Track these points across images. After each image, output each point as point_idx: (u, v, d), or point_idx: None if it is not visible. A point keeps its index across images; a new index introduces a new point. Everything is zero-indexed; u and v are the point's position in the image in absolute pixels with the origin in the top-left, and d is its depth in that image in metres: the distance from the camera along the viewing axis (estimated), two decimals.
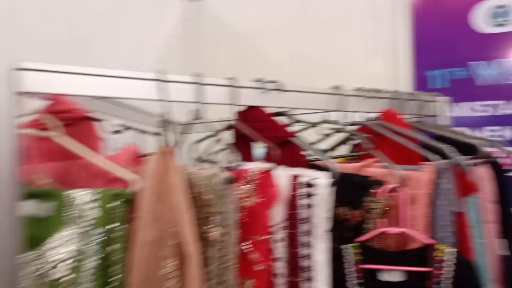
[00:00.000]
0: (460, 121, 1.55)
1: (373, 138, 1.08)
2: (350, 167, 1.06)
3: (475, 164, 0.93)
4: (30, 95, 0.80)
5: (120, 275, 0.70)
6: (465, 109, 1.57)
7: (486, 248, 0.92)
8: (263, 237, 0.76)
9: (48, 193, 0.75)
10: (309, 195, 0.80)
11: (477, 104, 1.56)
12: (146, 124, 1.14)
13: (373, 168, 0.99)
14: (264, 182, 0.77)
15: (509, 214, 0.96)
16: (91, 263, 0.70)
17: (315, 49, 1.83)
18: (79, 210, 0.73)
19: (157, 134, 0.70)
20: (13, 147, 0.69)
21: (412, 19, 1.67)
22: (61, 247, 0.72)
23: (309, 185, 0.80)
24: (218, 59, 2.12)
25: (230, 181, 0.70)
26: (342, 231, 0.93)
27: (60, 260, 0.71)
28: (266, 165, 0.78)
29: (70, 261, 0.71)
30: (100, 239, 0.71)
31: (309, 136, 1.19)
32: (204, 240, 0.72)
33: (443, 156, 0.91)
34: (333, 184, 0.79)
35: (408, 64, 1.68)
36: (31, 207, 0.75)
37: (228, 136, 0.99)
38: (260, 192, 0.77)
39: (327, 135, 1.14)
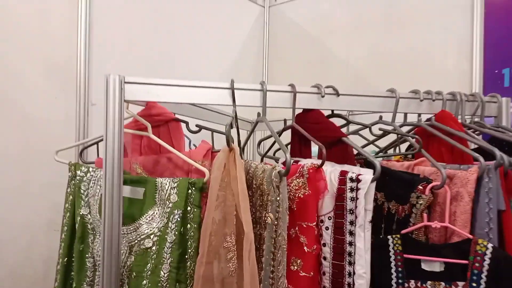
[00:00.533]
0: None
1: (425, 139, 1.13)
2: (403, 165, 1.13)
3: None
4: (132, 102, 1.01)
5: (194, 248, 0.87)
6: None
7: None
8: (311, 224, 0.88)
9: (141, 180, 0.95)
10: (354, 189, 0.91)
11: None
12: (219, 124, 1.32)
13: (423, 167, 1.06)
14: (313, 176, 0.89)
15: None
16: (171, 236, 0.89)
17: (393, 47, 1.86)
18: (162, 195, 0.92)
19: (224, 133, 0.85)
20: (118, 143, 0.88)
21: (485, 16, 1.63)
22: (150, 223, 0.92)
23: (355, 180, 0.90)
24: (290, 60, 2.24)
25: (283, 174, 0.83)
26: (389, 224, 1.01)
27: (150, 233, 0.91)
28: (315, 162, 0.90)
29: (157, 234, 0.90)
30: (178, 219, 0.89)
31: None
32: (262, 223, 0.87)
33: (493, 156, 0.95)
34: (375, 180, 0.88)
35: (482, 61, 1.65)
36: (128, 191, 0.95)
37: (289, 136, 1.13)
38: (310, 185, 0.89)
39: (381, 136, 1.21)
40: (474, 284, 0.87)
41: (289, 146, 1.11)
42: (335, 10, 2.06)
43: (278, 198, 0.84)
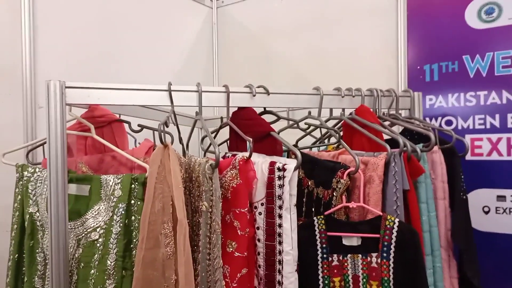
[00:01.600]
0: (452, 110, 1.70)
1: (349, 130, 1.27)
2: (330, 155, 1.27)
3: (428, 151, 1.11)
4: (74, 106, 1.08)
5: (138, 238, 0.95)
6: (457, 100, 1.70)
7: (436, 220, 1.10)
8: (243, 210, 0.99)
9: (86, 178, 1.02)
10: (281, 177, 1.02)
11: (468, 95, 1.68)
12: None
13: (346, 155, 1.20)
14: (244, 167, 1.00)
15: (457, 192, 1.13)
16: (116, 228, 0.97)
17: (327, 46, 2.00)
18: (107, 190, 0.99)
19: (162, 131, 0.94)
20: (61, 144, 0.94)
21: (408, 17, 1.81)
22: (96, 217, 1.00)
23: (281, 169, 1.02)
24: (238, 59, 2.34)
25: (214, 166, 0.93)
26: (318, 207, 1.14)
27: (96, 226, 0.99)
28: (245, 154, 1.01)
29: (103, 227, 0.98)
30: (123, 211, 0.97)
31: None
32: (200, 211, 0.97)
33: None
34: (297, 168, 1.00)
35: (406, 58, 1.82)
36: (74, 189, 1.02)
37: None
38: (241, 175, 1.00)
39: (306, 130, 1.35)
40: (384, 254, 1.01)
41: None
42: (277, 11, 2.18)
43: (211, 188, 0.94)
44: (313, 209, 1.16)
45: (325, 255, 1.06)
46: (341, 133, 1.30)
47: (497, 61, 1.60)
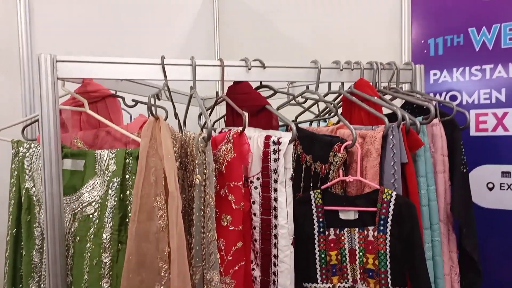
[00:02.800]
0: (457, 85, 1.65)
1: (348, 104, 1.25)
2: (328, 130, 1.25)
3: (428, 123, 1.08)
4: (66, 80, 1.07)
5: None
6: (462, 74, 1.66)
7: (436, 194, 1.08)
8: (237, 183, 0.98)
9: (80, 153, 1.02)
10: (277, 151, 1.01)
11: (474, 69, 1.64)
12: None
13: (344, 130, 1.18)
14: (238, 141, 0.99)
15: (458, 165, 1.10)
16: (111, 202, 0.96)
17: (332, 23, 1.96)
18: (102, 165, 0.99)
19: (152, 105, 0.93)
20: (54, 119, 0.94)
21: None
22: (91, 192, 1.00)
23: (276, 143, 1.01)
24: (240, 37, 2.30)
25: (207, 139, 0.92)
26: (315, 182, 1.13)
27: (91, 201, 0.99)
28: (240, 128, 0.99)
29: (98, 201, 0.98)
30: (117, 186, 0.97)
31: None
32: (193, 185, 0.96)
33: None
34: (292, 141, 0.99)
35: (410, 33, 1.77)
36: (69, 164, 1.02)
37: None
38: (235, 149, 0.99)
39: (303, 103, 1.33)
40: (381, 228, 1.00)
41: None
42: None
43: (204, 161, 0.93)
44: (311, 184, 1.15)
45: (321, 229, 1.05)
46: (340, 109, 1.28)
47: (504, 33, 1.55)
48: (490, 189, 1.59)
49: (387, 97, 1.24)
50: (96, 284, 0.94)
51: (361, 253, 1.02)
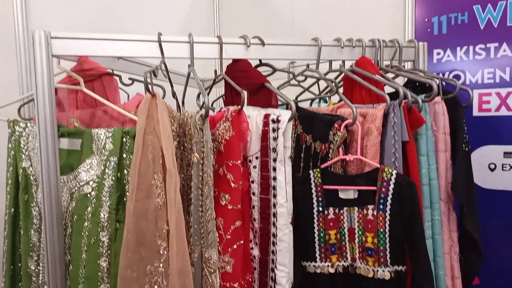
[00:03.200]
0: (461, 65, 1.63)
1: (349, 83, 1.23)
2: (328, 109, 1.23)
3: (430, 100, 1.06)
4: (61, 57, 1.05)
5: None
6: (466, 53, 1.63)
7: (437, 173, 1.07)
8: (236, 162, 0.97)
9: (77, 132, 1.01)
10: (276, 130, 0.99)
11: (478, 48, 1.60)
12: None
13: (344, 108, 1.16)
14: (236, 119, 0.97)
15: (460, 143, 1.09)
16: (108, 182, 0.96)
17: (334, 1, 1.92)
18: (99, 144, 0.98)
19: (148, 83, 0.91)
20: (49, 97, 0.92)
21: None
22: (88, 171, 0.99)
23: (275, 121, 0.99)
24: (241, 15, 2.26)
25: (204, 117, 0.91)
26: (315, 162, 1.12)
27: (89, 180, 0.98)
28: (238, 106, 0.97)
29: (96, 180, 0.97)
30: (114, 165, 0.96)
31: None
32: (191, 164, 0.95)
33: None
34: (291, 119, 0.97)
35: (413, 11, 1.73)
36: (65, 143, 1.01)
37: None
38: (233, 127, 0.97)
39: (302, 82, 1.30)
40: (381, 206, 0.99)
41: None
42: None
43: (202, 139, 0.92)
44: (310, 164, 1.14)
45: (321, 209, 1.04)
46: (341, 88, 1.26)
47: (510, 10, 1.51)
48: (492, 170, 1.58)
49: (390, 75, 1.22)
50: (95, 262, 0.94)
51: (360, 232, 1.01)
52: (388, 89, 1.13)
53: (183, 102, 1.26)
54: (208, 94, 1.15)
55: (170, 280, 0.82)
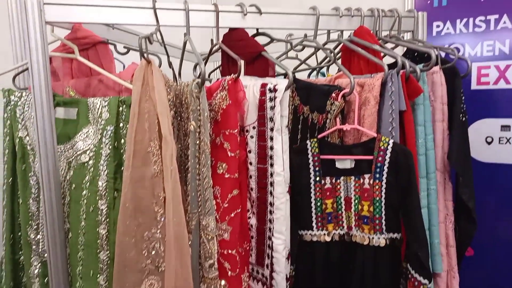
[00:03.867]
0: (460, 38, 1.61)
1: (347, 54, 1.21)
2: (326, 80, 1.22)
3: (428, 69, 1.05)
4: (54, 25, 1.03)
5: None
6: (466, 26, 1.61)
7: (434, 143, 1.07)
8: (233, 131, 0.97)
9: (73, 101, 1.00)
10: (273, 99, 0.99)
11: (478, 20, 1.58)
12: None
13: (342, 79, 1.15)
14: (233, 87, 0.96)
15: (457, 113, 1.08)
16: (105, 151, 0.96)
17: None
18: (95, 113, 0.97)
19: (144, 51, 0.90)
20: (43, 64, 0.91)
21: None
22: (85, 140, 0.99)
23: (272, 90, 0.98)
24: None
25: (201, 84, 0.90)
26: (312, 133, 1.12)
27: (86, 149, 0.98)
28: (234, 75, 0.97)
29: (93, 149, 0.97)
30: (111, 134, 0.96)
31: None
32: (188, 134, 0.95)
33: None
34: (288, 88, 0.97)
35: None
36: (61, 113, 1.01)
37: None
38: (230, 96, 0.97)
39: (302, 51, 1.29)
40: (377, 175, 0.99)
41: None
42: None
43: (198, 107, 0.91)
44: (308, 136, 1.14)
45: (317, 178, 1.05)
46: (339, 60, 1.25)
47: None
48: (489, 143, 1.59)
49: (388, 45, 1.20)
50: (93, 230, 0.94)
51: (356, 201, 1.02)
52: (386, 61, 1.12)
53: (179, 74, 1.24)
54: (205, 65, 1.14)
55: (166, 246, 0.83)
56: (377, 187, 0.99)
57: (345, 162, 1.03)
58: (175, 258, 0.82)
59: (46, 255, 0.99)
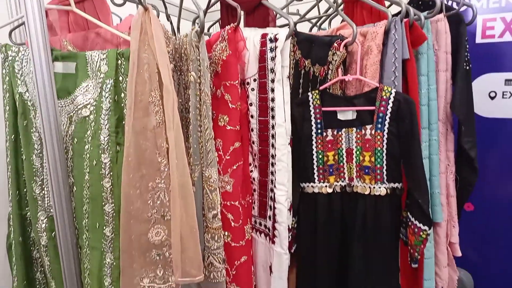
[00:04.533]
0: None
1: (350, 5, 1.18)
2: (328, 31, 1.20)
3: (432, 16, 1.03)
4: None
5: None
6: None
7: (436, 93, 1.06)
8: (233, 82, 0.96)
9: (71, 55, 0.99)
10: (273, 49, 0.97)
11: None
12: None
13: (344, 30, 1.13)
14: (233, 37, 0.95)
15: (461, 62, 1.07)
16: (106, 104, 0.95)
17: None
18: (93, 67, 0.96)
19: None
20: (42, 19, 0.89)
21: None
22: (85, 95, 0.98)
23: (273, 40, 0.97)
24: None
25: (200, 32, 0.88)
26: (314, 86, 1.10)
27: (86, 103, 0.97)
28: (233, 24, 0.95)
29: (93, 104, 0.97)
30: (111, 87, 0.95)
31: None
32: (188, 86, 0.94)
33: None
34: (289, 37, 0.95)
35: None
36: (60, 67, 0.99)
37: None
38: (230, 46, 0.95)
39: None
40: (379, 125, 0.99)
41: None
42: None
43: (198, 57, 0.90)
44: (309, 90, 1.13)
45: (319, 130, 1.05)
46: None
47: None
48: (492, 98, 1.57)
49: None
50: (98, 183, 0.95)
51: (358, 152, 1.02)
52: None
53: (178, 28, 1.22)
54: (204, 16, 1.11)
55: (171, 195, 0.84)
56: (378, 137, 0.99)
57: (347, 114, 1.03)
58: (180, 207, 0.83)
59: (52, 209, 1.01)
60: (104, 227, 0.97)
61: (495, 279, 1.61)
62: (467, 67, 1.07)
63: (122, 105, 0.96)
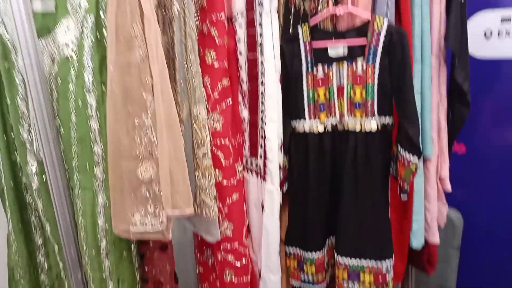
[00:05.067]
0: None
1: None
2: None
3: None
4: None
5: None
6: None
7: (430, 27, 1.03)
8: (220, 16, 0.93)
9: None
10: None
11: None
12: None
13: None
14: None
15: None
16: (88, 42, 0.92)
17: None
18: (73, 3, 0.92)
19: None
20: None
21: None
22: (66, 34, 0.95)
23: None
24: None
25: None
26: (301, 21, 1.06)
27: (67, 42, 0.94)
28: None
29: (75, 42, 0.94)
30: (92, 25, 0.91)
31: None
32: (173, 20, 0.91)
33: None
34: None
35: None
36: (39, 5, 0.95)
37: None
38: None
39: None
40: (370, 58, 0.97)
41: None
42: None
43: None
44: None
45: (309, 67, 1.02)
46: None
47: None
48: (488, 37, 1.53)
49: None
50: (85, 124, 0.94)
51: (349, 88, 1.01)
52: None
53: None
54: None
55: (158, 129, 0.83)
56: (370, 71, 0.97)
57: (338, 49, 1.00)
58: (167, 141, 0.83)
59: (41, 153, 1.00)
60: (95, 168, 0.97)
61: (484, 217, 1.64)
62: (462, 0, 1.03)
63: (105, 42, 0.93)
